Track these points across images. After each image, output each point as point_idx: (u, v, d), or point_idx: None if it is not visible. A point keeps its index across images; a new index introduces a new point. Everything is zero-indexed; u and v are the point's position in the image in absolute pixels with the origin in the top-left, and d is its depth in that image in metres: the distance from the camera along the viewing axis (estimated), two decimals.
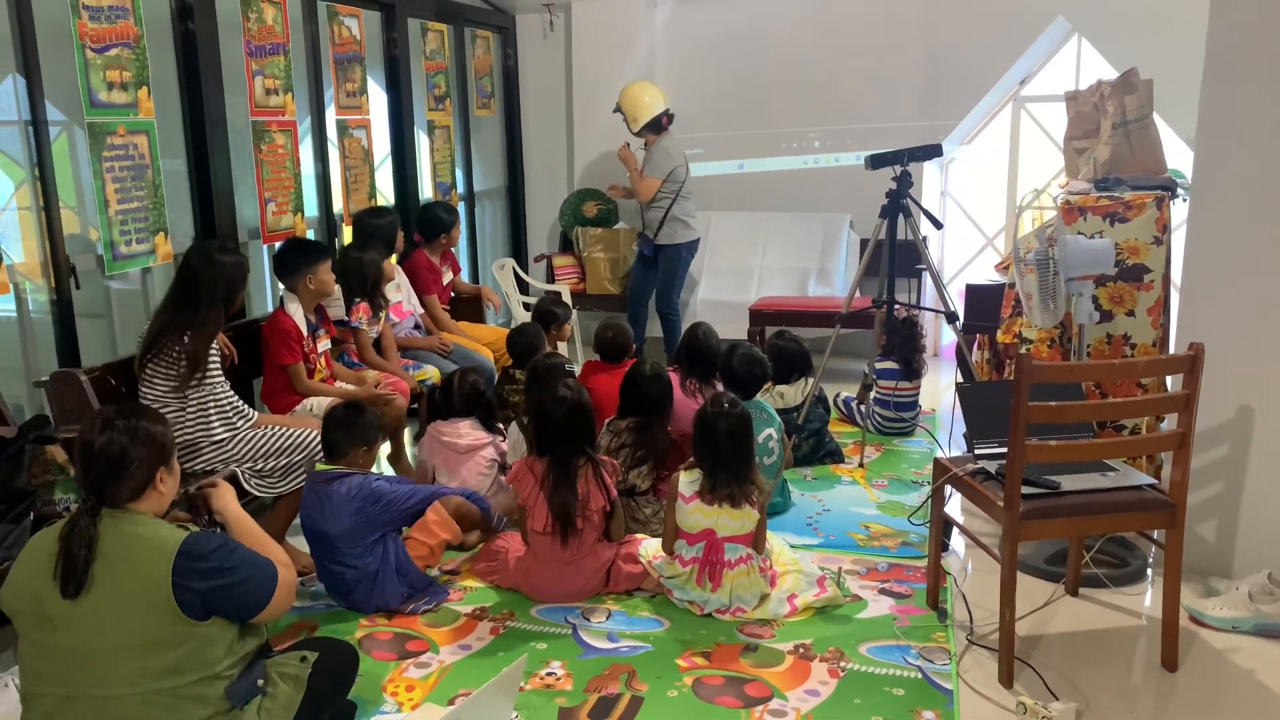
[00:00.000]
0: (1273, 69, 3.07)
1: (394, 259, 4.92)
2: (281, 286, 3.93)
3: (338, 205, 5.17)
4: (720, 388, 4.08)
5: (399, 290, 4.87)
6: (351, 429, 3.27)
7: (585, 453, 3.30)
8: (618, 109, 6.02)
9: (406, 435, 4.49)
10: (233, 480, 3.37)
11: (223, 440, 3.38)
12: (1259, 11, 3.07)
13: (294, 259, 3.89)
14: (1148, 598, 3.29)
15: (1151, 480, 2.85)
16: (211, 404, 3.36)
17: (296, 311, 3.85)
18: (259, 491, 3.43)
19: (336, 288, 4.07)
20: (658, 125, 5.95)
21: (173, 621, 2.07)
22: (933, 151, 4.08)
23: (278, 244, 4.64)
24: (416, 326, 4.92)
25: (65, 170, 3.76)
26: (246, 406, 3.48)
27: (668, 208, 5.89)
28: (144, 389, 3.32)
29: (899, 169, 3.96)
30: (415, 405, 4.42)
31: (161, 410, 3.25)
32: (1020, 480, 2.64)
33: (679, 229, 5.94)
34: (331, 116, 5.10)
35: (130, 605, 2.06)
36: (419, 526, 3.35)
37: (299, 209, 4.72)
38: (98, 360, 3.61)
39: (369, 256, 4.32)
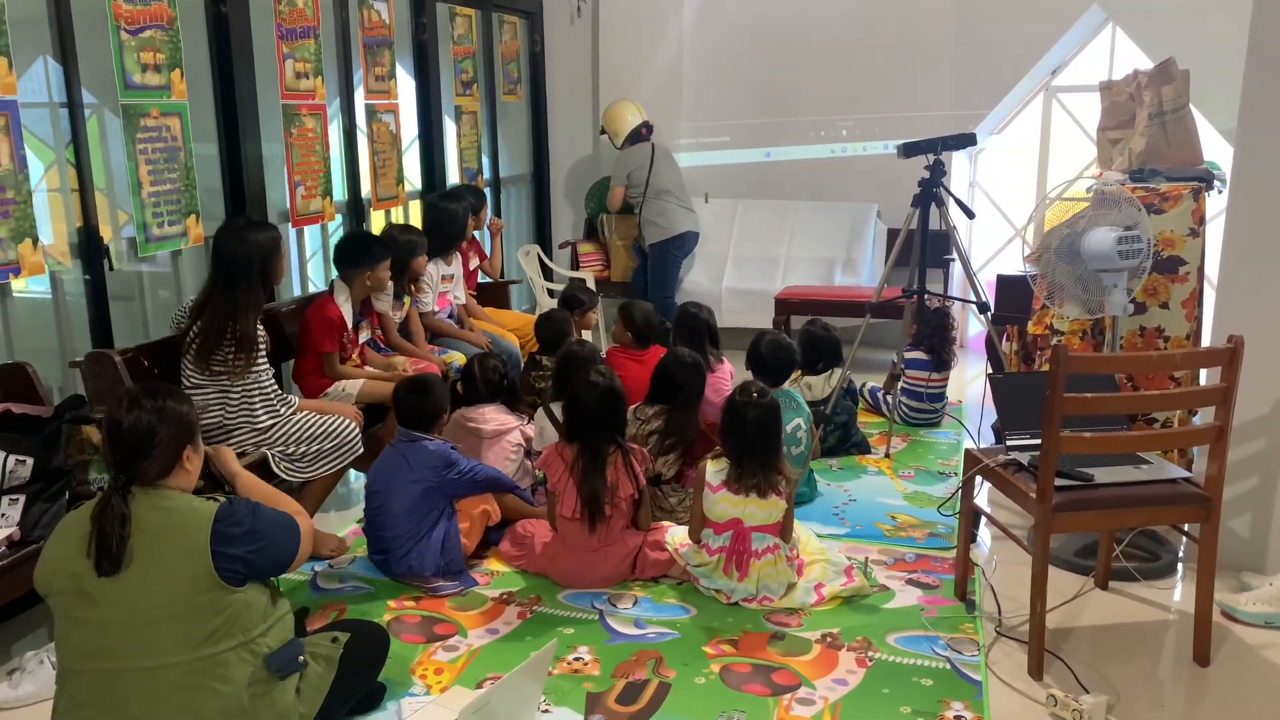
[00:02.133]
0: None
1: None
2: (334, 274, 3.94)
3: (365, 189, 5.19)
4: (727, 362, 4.15)
5: (449, 280, 4.87)
6: (428, 403, 3.42)
7: (615, 440, 3.30)
8: (603, 131, 6.30)
9: None
10: (263, 463, 3.40)
11: (265, 427, 3.40)
12: None
13: (357, 254, 3.91)
14: (1178, 592, 3.26)
15: (1186, 474, 2.83)
16: (256, 390, 3.37)
17: (345, 302, 3.87)
18: (287, 475, 3.45)
19: (390, 283, 4.10)
20: (638, 137, 6.18)
21: (211, 588, 2.10)
22: (966, 140, 4.04)
23: (305, 227, 4.68)
24: (450, 315, 4.92)
25: (96, 153, 3.78)
26: (288, 395, 3.51)
27: (639, 210, 6.13)
28: (191, 374, 3.34)
29: (931, 158, 3.93)
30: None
31: (205, 396, 3.29)
32: (1054, 472, 2.62)
33: (653, 230, 6.16)
34: (360, 100, 5.11)
35: (171, 576, 2.09)
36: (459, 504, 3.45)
37: (328, 192, 4.74)
38: (130, 342, 3.64)
39: (406, 240, 4.33)
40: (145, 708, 2.09)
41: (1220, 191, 3.71)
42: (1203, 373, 3.55)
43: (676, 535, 3.37)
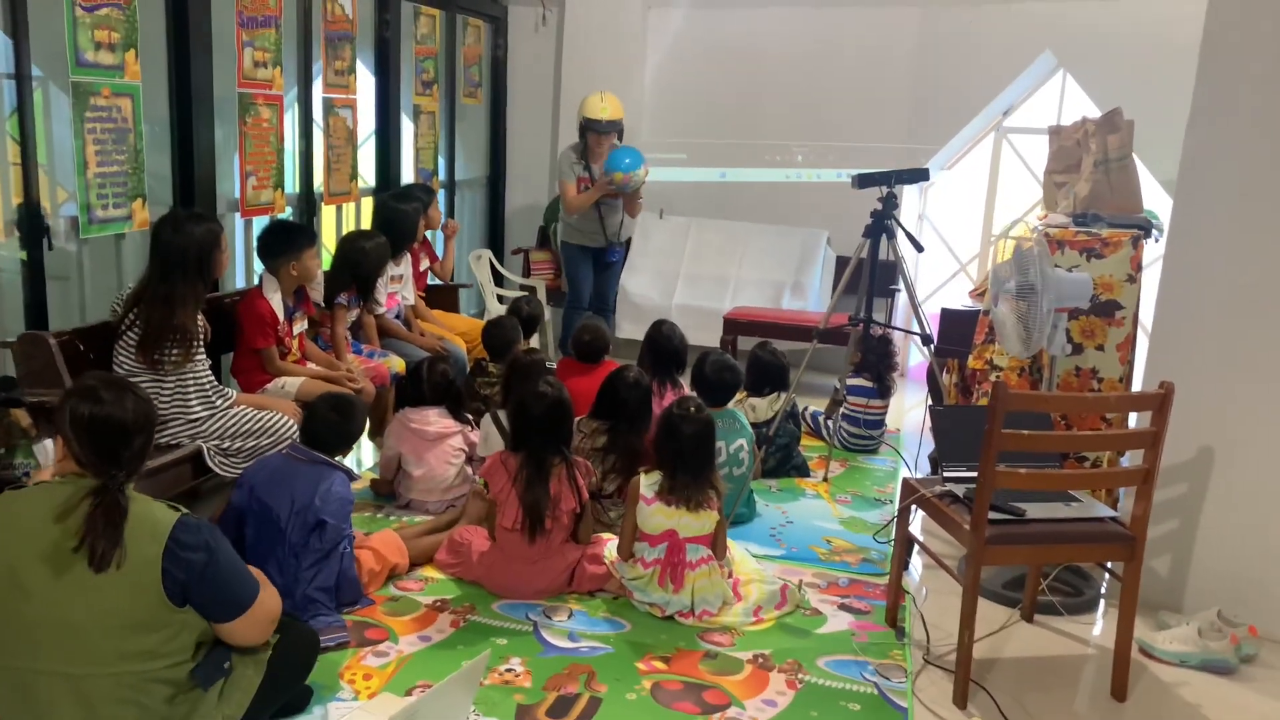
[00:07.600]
0: (1256, 119, 3.14)
1: None
2: (261, 266, 3.88)
3: (319, 183, 5.12)
4: (686, 387, 4.13)
5: (399, 281, 4.81)
6: (345, 430, 3.20)
7: (561, 452, 3.30)
8: (615, 124, 5.71)
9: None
10: (197, 456, 3.33)
11: (199, 419, 3.33)
12: (1246, 62, 3.14)
13: (278, 244, 3.83)
14: (1098, 627, 3.35)
15: (1113, 513, 2.91)
16: (192, 382, 3.31)
17: (274, 296, 3.80)
18: (223, 470, 3.39)
19: (320, 272, 4.03)
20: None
21: (155, 603, 2.04)
22: (920, 175, 4.12)
23: (253, 218, 4.60)
24: (398, 315, 4.87)
25: (40, 128, 3.68)
26: (225, 388, 3.44)
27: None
28: (125, 362, 3.26)
29: (885, 190, 3.99)
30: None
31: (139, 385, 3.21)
32: (989, 505, 2.68)
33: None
34: (318, 93, 5.05)
35: (115, 582, 2.01)
36: (377, 541, 3.31)
37: (279, 184, 4.67)
38: (64, 324, 3.54)
39: (373, 245, 4.28)
40: (66, 715, 2.02)
41: (1157, 240, 3.83)
42: (1132, 415, 3.66)
43: (614, 548, 3.37)
